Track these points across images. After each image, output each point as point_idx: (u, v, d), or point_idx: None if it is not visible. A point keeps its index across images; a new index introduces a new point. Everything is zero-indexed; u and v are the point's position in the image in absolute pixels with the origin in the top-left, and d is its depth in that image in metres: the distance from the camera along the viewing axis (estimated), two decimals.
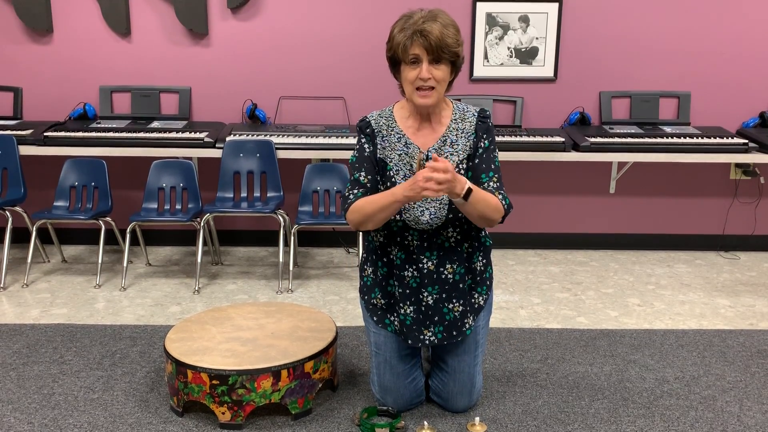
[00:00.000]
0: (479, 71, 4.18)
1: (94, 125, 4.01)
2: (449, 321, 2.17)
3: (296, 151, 3.86)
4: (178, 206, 3.83)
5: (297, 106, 4.26)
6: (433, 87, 2.03)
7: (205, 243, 4.03)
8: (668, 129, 4.08)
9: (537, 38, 4.13)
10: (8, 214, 3.70)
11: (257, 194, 3.90)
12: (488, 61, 4.17)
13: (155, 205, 3.82)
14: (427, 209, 2.11)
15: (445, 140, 2.13)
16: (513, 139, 3.88)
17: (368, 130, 2.16)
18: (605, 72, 4.22)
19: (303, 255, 4.27)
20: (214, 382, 2.16)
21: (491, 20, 4.11)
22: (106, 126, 3.98)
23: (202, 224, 3.65)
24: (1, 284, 3.61)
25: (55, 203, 3.82)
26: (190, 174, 3.81)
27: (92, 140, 3.84)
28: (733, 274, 3.94)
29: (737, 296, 3.56)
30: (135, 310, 3.29)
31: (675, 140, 3.90)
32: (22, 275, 3.81)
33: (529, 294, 3.57)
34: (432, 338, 2.18)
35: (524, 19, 4.10)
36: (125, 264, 3.67)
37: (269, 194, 3.89)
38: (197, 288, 3.57)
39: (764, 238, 4.43)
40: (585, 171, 4.33)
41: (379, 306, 2.25)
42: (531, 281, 3.79)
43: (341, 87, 4.23)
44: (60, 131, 3.89)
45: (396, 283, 2.19)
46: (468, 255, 2.19)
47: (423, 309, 2.16)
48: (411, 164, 2.12)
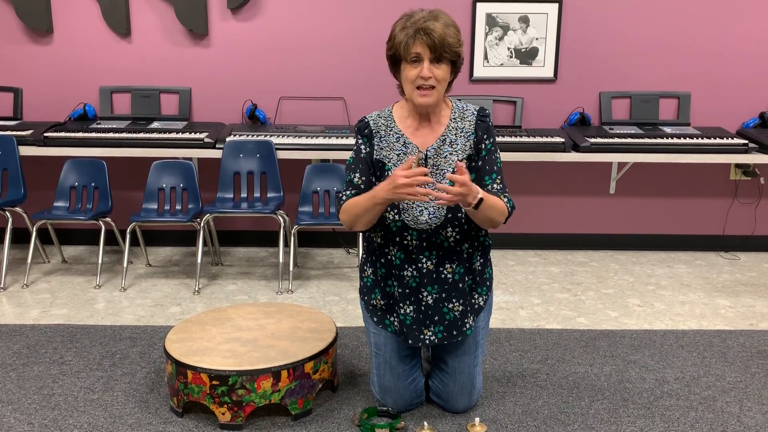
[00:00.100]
0: (479, 72, 4.18)
1: (94, 126, 4.01)
2: (449, 321, 2.17)
3: (296, 152, 3.86)
4: (178, 207, 3.83)
5: (297, 107, 4.26)
6: (434, 86, 2.03)
7: (205, 243, 4.03)
8: (668, 129, 4.08)
9: (537, 39, 4.13)
10: (8, 215, 3.70)
11: (257, 195, 3.90)
12: (488, 62, 4.17)
13: (155, 206, 3.82)
14: (426, 209, 2.11)
15: (445, 139, 2.13)
16: (513, 140, 3.88)
17: (366, 131, 2.16)
18: (605, 72, 4.22)
19: (303, 255, 4.27)
20: (214, 383, 2.16)
21: (491, 21, 4.11)
22: (106, 126, 3.98)
23: (202, 225, 3.65)
24: (1, 285, 3.61)
25: (55, 204, 3.82)
26: (190, 174, 3.81)
27: (92, 141, 3.84)
28: (733, 275, 3.94)
29: (737, 297, 3.56)
30: (135, 311, 3.29)
31: (675, 141, 3.90)
32: (22, 276, 3.81)
33: (529, 294, 3.57)
34: (432, 338, 2.18)
35: (524, 20, 4.10)
36: (125, 264, 3.67)
37: (269, 195, 3.89)
38: (197, 288, 3.57)
39: (764, 239, 4.43)
40: (585, 171, 4.33)
41: (379, 307, 2.25)
42: (531, 282, 3.78)
43: (341, 87, 4.23)
44: (60, 132, 3.89)
45: (395, 283, 2.19)
46: (468, 255, 2.19)
47: (423, 309, 2.16)
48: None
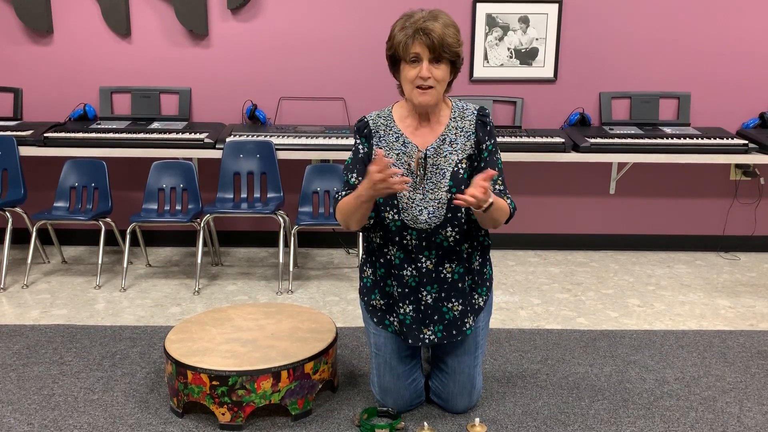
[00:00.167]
0: (479, 72, 4.18)
1: (94, 126, 4.01)
2: (449, 320, 2.17)
3: (296, 152, 3.86)
4: (178, 207, 3.83)
5: (297, 107, 4.26)
6: (433, 86, 2.03)
7: (205, 244, 4.03)
8: (668, 130, 4.08)
9: (537, 39, 4.13)
10: (8, 215, 3.70)
11: (257, 195, 3.90)
12: (488, 62, 4.17)
13: (155, 206, 3.82)
14: (426, 208, 2.11)
15: (444, 139, 2.13)
16: (513, 140, 3.88)
17: (365, 131, 2.16)
18: (605, 72, 4.22)
19: (303, 256, 4.27)
20: (214, 383, 2.16)
21: (491, 21, 4.11)
22: (106, 127, 3.98)
23: (202, 225, 3.65)
24: (1, 285, 3.61)
25: (55, 204, 3.82)
26: (190, 175, 3.81)
27: (92, 141, 3.84)
28: (733, 275, 3.94)
29: (737, 297, 3.56)
30: (135, 311, 3.29)
31: (675, 141, 3.90)
32: (22, 276, 3.81)
33: (529, 295, 3.57)
34: (432, 337, 2.18)
35: (524, 20, 4.10)
36: (125, 265, 3.67)
37: (269, 195, 3.89)
38: (197, 289, 3.57)
39: (764, 239, 4.43)
40: (585, 172, 4.33)
41: (379, 307, 2.25)
42: (531, 282, 3.78)
43: (341, 87, 4.23)
44: (60, 132, 3.89)
45: (395, 283, 2.18)
46: (467, 255, 2.19)
47: (422, 308, 2.16)
48: (409, 163, 2.12)
